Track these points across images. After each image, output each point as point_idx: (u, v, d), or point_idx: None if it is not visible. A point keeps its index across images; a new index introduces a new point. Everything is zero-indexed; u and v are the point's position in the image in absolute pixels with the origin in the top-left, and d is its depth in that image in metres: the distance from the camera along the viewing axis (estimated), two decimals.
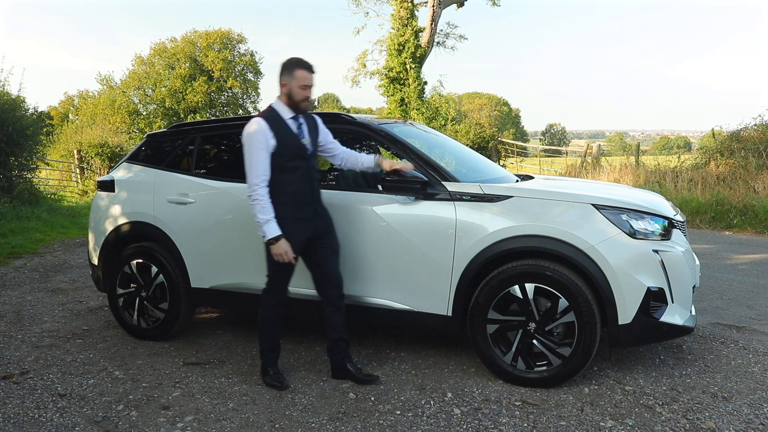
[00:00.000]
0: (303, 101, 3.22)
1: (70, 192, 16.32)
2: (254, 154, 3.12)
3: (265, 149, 3.12)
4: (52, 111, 45.55)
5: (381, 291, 3.56)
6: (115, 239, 4.28)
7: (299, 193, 3.23)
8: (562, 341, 3.24)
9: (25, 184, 10.96)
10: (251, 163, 3.13)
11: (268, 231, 3.11)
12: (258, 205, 3.12)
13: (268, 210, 3.12)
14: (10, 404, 3.18)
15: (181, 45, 38.89)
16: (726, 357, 3.73)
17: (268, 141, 3.13)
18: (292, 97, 3.21)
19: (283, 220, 3.16)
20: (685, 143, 62.18)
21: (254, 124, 3.15)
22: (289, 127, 3.22)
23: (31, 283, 5.95)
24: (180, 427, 2.92)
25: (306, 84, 3.20)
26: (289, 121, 3.23)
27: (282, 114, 3.23)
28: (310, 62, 3.26)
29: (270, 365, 3.41)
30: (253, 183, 3.12)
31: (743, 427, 2.85)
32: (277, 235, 3.11)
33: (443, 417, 2.98)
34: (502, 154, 22.42)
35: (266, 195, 3.13)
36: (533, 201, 3.33)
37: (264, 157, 3.13)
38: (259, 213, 3.11)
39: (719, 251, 7.36)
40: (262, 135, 3.12)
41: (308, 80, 3.21)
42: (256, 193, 3.12)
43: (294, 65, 3.21)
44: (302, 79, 3.19)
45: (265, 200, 3.12)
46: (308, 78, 3.21)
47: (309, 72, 3.22)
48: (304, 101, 3.23)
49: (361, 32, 23.38)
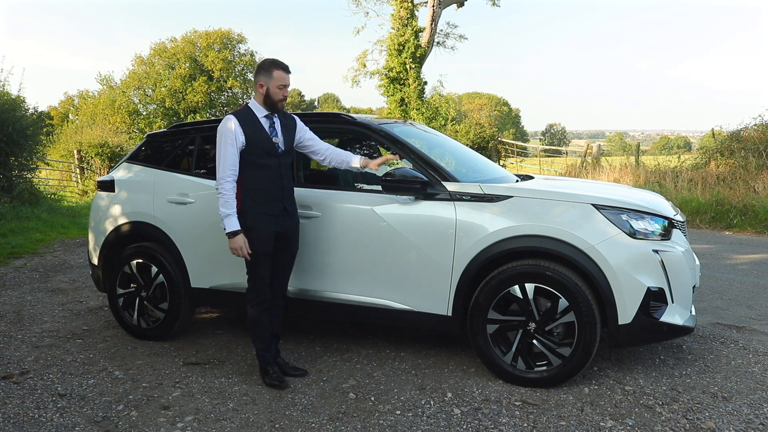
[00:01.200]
0: (280, 101, 3.33)
1: (70, 192, 16.32)
2: (223, 150, 3.23)
3: (233, 145, 3.23)
4: (52, 111, 45.59)
5: (381, 291, 3.56)
6: (115, 239, 4.28)
7: (269, 190, 3.33)
8: (562, 341, 3.24)
9: (25, 184, 10.96)
10: (220, 158, 3.24)
11: (228, 225, 3.22)
12: (222, 199, 3.23)
13: (231, 205, 3.23)
14: (10, 404, 3.18)
15: (181, 45, 38.87)
16: (726, 357, 3.73)
17: (238, 138, 3.24)
18: (270, 96, 3.31)
19: (252, 214, 3.28)
20: (685, 143, 62.21)
21: (226, 122, 3.27)
22: (261, 126, 3.32)
23: (31, 283, 5.95)
24: (180, 427, 2.92)
25: (283, 84, 3.31)
26: (262, 120, 3.33)
27: (256, 112, 3.33)
28: (286, 63, 3.38)
29: (269, 364, 3.42)
30: (221, 177, 3.23)
31: (743, 427, 2.85)
32: (236, 229, 3.22)
33: (443, 417, 2.98)
34: (502, 154, 22.42)
35: (232, 190, 3.24)
36: (533, 201, 3.33)
37: (232, 153, 3.23)
38: (222, 207, 3.23)
39: (719, 251, 7.36)
40: (232, 132, 3.23)
41: (285, 80, 3.32)
42: (222, 187, 3.23)
43: (271, 66, 3.31)
44: (280, 79, 3.29)
45: (230, 195, 3.23)
46: (285, 78, 3.32)
47: (286, 72, 3.33)
48: (282, 101, 3.34)
49: (361, 32, 23.38)
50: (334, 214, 3.63)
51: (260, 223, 3.29)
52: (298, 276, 3.74)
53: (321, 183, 4.10)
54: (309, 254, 3.70)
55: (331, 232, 3.63)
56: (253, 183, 3.29)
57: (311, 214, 3.67)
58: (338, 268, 3.65)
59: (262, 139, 3.29)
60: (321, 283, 3.70)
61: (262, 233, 3.29)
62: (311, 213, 3.67)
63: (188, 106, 38.16)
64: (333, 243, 3.64)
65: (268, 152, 3.31)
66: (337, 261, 3.64)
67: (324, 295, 3.69)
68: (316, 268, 3.70)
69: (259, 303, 3.38)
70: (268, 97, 3.31)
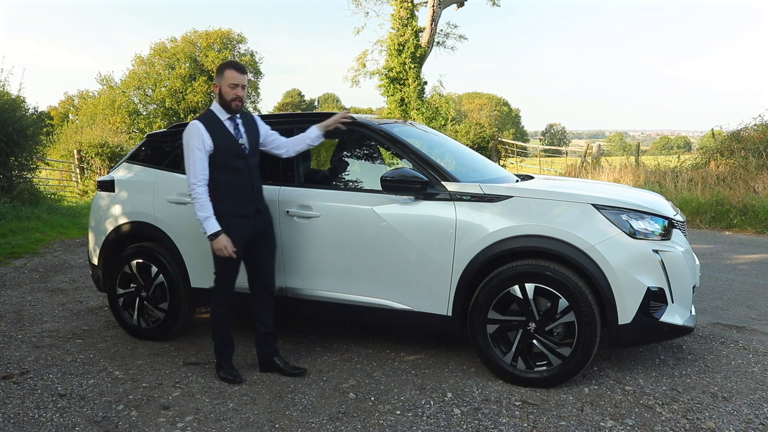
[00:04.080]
0: (234, 100, 3.33)
1: (70, 192, 16.32)
2: (192, 155, 3.26)
3: (201, 150, 3.26)
4: (52, 111, 45.56)
5: (381, 291, 3.56)
6: (115, 239, 4.28)
7: (240, 192, 3.37)
8: (562, 341, 3.24)
9: (25, 184, 10.96)
10: (189, 163, 3.27)
11: (208, 227, 3.26)
12: (197, 203, 3.27)
13: (207, 207, 3.26)
14: (10, 404, 3.18)
15: (181, 45, 38.88)
16: (726, 357, 3.73)
17: (205, 142, 3.26)
18: (222, 96, 3.34)
19: (225, 217, 3.31)
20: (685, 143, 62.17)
21: (192, 127, 3.29)
22: (226, 128, 3.35)
23: (31, 283, 5.95)
24: (180, 427, 2.92)
25: (234, 83, 3.31)
26: (225, 122, 3.36)
27: (219, 116, 3.36)
28: (241, 64, 3.42)
29: (224, 360, 3.50)
30: (192, 182, 3.27)
31: (743, 427, 2.85)
32: (217, 231, 3.26)
33: (443, 417, 2.98)
34: (502, 154, 22.42)
35: (205, 193, 3.27)
36: (533, 201, 3.33)
37: (201, 158, 3.26)
38: (198, 211, 3.27)
39: (719, 251, 7.36)
40: (198, 137, 3.26)
41: (237, 79, 3.31)
42: (195, 192, 3.26)
43: (224, 66, 3.36)
44: (231, 78, 3.30)
45: (204, 198, 3.26)
46: (237, 77, 3.32)
47: (238, 71, 3.34)
48: (235, 100, 3.33)
49: (361, 32, 23.38)
50: (334, 214, 3.63)
51: (234, 225, 3.33)
52: (298, 276, 3.74)
53: (321, 183, 4.10)
54: (309, 254, 3.70)
55: (331, 232, 3.63)
56: (225, 186, 3.33)
57: (311, 214, 3.67)
58: (338, 268, 3.65)
59: (229, 141, 3.33)
60: (321, 283, 3.70)
61: (235, 235, 3.32)
62: (311, 213, 3.67)
63: (188, 106, 38.17)
64: (333, 243, 3.63)
65: (237, 154, 3.35)
66: (337, 261, 3.64)
67: (324, 294, 3.69)
68: (316, 267, 3.70)
69: (224, 303, 3.45)
70: (221, 97, 3.34)
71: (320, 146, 3.87)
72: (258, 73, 41.95)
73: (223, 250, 3.26)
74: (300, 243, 3.71)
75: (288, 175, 3.83)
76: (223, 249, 3.26)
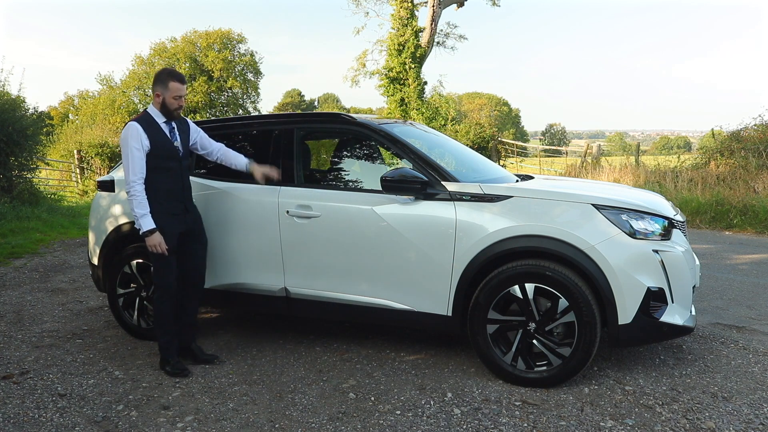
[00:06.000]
0: (176, 110, 3.53)
1: (70, 192, 16.32)
2: (131, 154, 3.39)
3: (140, 150, 3.40)
4: (52, 111, 45.55)
5: (381, 291, 3.56)
6: (115, 239, 4.27)
7: (172, 191, 3.54)
8: (562, 341, 3.24)
9: (25, 184, 10.96)
10: (128, 162, 3.40)
11: (143, 224, 3.40)
12: (135, 200, 3.39)
13: (144, 205, 3.41)
14: (10, 404, 3.18)
15: (181, 45, 38.85)
16: (726, 357, 3.73)
17: (143, 142, 3.41)
18: (167, 106, 3.50)
19: (158, 214, 3.45)
20: (685, 143, 62.18)
21: (130, 127, 3.41)
22: (163, 131, 3.50)
23: (31, 283, 5.95)
24: (180, 427, 2.92)
25: (178, 95, 3.50)
26: (162, 126, 3.51)
27: (156, 119, 3.51)
28: (181, 73, 3.56)
29: (170, 356, 3.59)
30: (131, 180, 3.39)
31: (743, 427, 2.85)
32: (152, 228, 3.40)
33: (443, 417, 2.98)
34: (502, 154, 22.42)
35: (143, 191, 3.41)
36: (533, 201, 3.33)
37: (139, 157, 3.40)
38: (136, 207, 3.40)
39: (719, 251, 7.36)
40: (137, 137, 3.39)
41: (180, 91, 3.51)
42: (134, 189, 3.39)
43: (168, 77, 3.49)
44: (175, 90, 3.49)
45: (142, 196, 3.40)
46: (180, 89, 3.51)
47: (181, 83, 3.51)
48: (178, 110, 3.54)
49: (361, 32, 23.40)
50: (334, 214, 3.63)
51: (166, 222, 3.48)
52: (298, 276, 3.74)
53: (321, 183, 4.10)
54: (309, 254, 3.70)
55: (331, 232, 3.63)
56: (158, 185, 3.48)
57: (311, 214, 3.67)
58: (338, 268, 3.65)
59: (165, 143, 3.49)
60: (321, 283, 3.70)
61: (167, 232, 3.47)
62: (311, 213, 3.67)
63: (188, 106, 38.11)
64: (333, 243, 3.63)
65: (171, 156, 3.51)
66: (337, 261, 3.64)
67: (324, 295, 3.69)
68: (316, 268, 3.70)
69: (167, 300, 3.56)
70: (164, 106, 3.50)
71: (320, 146, 3.88)
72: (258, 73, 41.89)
73: (157, 247, 3.40)
74: (300, 243, 3.71)
75: (288, 175, 3.84)
76: (156, 246, 3.39)
